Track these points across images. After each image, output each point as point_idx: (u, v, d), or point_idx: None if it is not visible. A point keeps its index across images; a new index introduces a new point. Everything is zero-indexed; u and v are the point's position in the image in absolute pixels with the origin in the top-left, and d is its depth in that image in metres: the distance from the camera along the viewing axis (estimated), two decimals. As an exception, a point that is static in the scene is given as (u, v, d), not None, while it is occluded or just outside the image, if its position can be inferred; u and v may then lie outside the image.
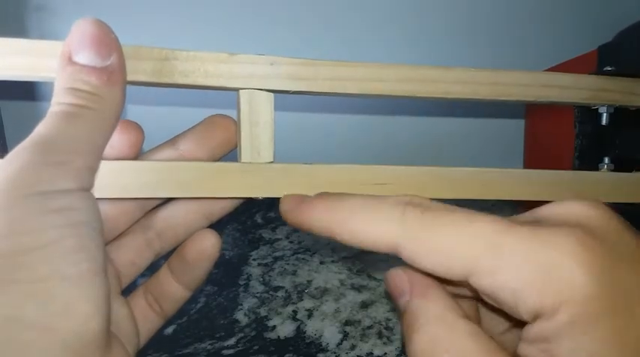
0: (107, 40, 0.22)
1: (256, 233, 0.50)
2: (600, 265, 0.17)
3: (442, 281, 0.21)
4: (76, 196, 0.20)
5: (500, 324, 0.23)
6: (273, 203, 0.25)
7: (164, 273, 0.27)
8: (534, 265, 0.17)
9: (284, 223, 0.53)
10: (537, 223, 0.19)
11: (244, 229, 0.50)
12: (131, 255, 0.26)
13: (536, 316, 0.17)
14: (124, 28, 0.24)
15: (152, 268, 0.28)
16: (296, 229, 0.53)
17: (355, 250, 0.49)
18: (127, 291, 0.27)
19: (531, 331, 0.18)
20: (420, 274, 0.21)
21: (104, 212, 0.23)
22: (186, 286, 0.27)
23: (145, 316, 0.27)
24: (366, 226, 0.20)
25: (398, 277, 0.21)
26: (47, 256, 0.18)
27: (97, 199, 0.22)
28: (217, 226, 0.28)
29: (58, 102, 0.21)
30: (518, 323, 0.19)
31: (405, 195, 0.21)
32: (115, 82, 0.22)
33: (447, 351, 0.19)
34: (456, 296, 0.22)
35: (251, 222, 0.52)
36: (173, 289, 0.27)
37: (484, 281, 0.18)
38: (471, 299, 0.23)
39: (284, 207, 0.24)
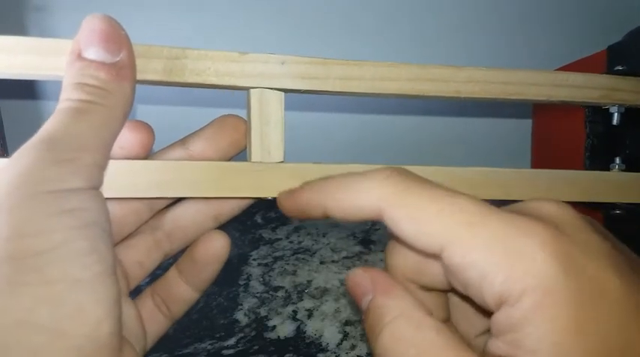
0: (116, 37, 0.21)
1: (256, 233, 0.50)
2: (570, 258, 0.17)
3: (419, 253, 0.21)
4: (85, 196, 0.20)
5: (475, 326, 0.23)
6: (273, 203, 0.25)
7: (173, 274, 0.27)
8: (506, 249, 0.17)
9: (284, 223, 0.54)
10: (516, 213, 0.19)
11: (244, 229, 0.50)
12: (139, 256, 0.26)
13: (501, 302, 0.17)
14: (129, 26, 0.23)
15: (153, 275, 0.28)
16: (296, 229, 0.54)
17: (355, 250, 0.50)
18: (134, 293, 0.27)
19: (497, 321, 0.18)
20: (382, 273, 0.21)
21: (112, 212, 0.22)
22: (195, 288, 0.27)
23: (152, 318, 0.27)
24: (353, 196, 0.20)
25: (360, 277, 0.21)
26: (58, 259, 0.18)
27: (108, 198, 0.21)
28: (218, 226, 0.28)
29: (65, 98, 0.21)
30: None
31: (388, 166, 0.21)
32: (124, 78, 0.22)
33: (415, 346, 0.19)
34: (428, 290, 0.22)
35: (251, 222, 0.52)
36: (181, 290, 0.27)
37: (455, 258, 0.18)
38: (443, 293, 0.23)
39: (279, 198, 0.24)
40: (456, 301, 0.23)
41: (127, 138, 0.23)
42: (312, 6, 0.54)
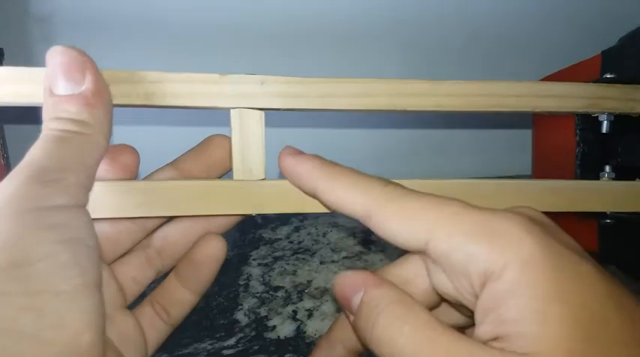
0: (78, 65, 0.22)
1: (256, 233, 0.50)
2: (544, 237, 0.19)
3: (406, 248, 0.22)
4: (69, 213, 0.20)
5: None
6: None
7: (171, 280, 0.28)
8: (487, 229, 0.19)
9: (284, 223, 0.54)
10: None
11: (244, 229, 0.50)
12: (133, 272, 0.27)
13: (486, 278, 0.18)
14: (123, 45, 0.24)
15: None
16: (296, 229, 0.54)
17: (355, 250, 0.50)
18: (133, 306, 0.28)
19: (483, 301, 0.19)
20: (369, 272, 0.23)
21: (104, 232, 0.24)
22: (194, 291, 0.28)
23: (152, 325, 0.28)
24: (349, 192, 0.22)
25: (350, 278, 0.22)
26: (40, 271, 0.19)
27: (96, 219, 0.22)
28: None
29: (46, 128, 0.22)
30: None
31: (389, 180, 0.23)
32: (94, 105, 0.22)
33: (408, 324, 0.20)
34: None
35: (251, 222, 0.52)
36: (181, 294, 0.28)
37: (442, 245, 0.19)
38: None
39: (284, 150, 0.25)
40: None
41: (112, 161, 0.25)
42: (298, 27, 0.54)
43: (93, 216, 0.22)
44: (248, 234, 0.50)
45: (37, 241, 0.19)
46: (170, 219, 0.28)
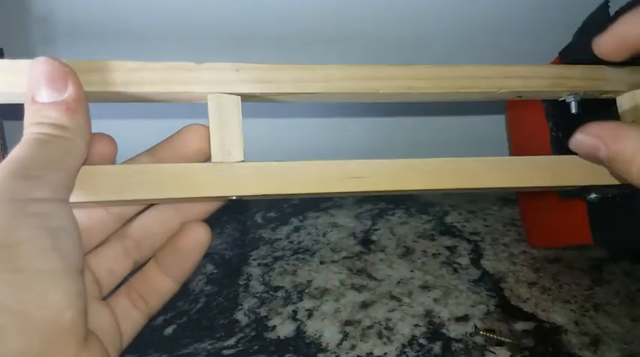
0: (60, 74, 0.23)
1: (256, 233, 0.51)
2: None
3: None
4: (51, 204, 0.21)
5: None
6: (273, 203, 0.26)
7: (151, 268, 0.28)
8: None
9: (284, 223, 0.55)
10: None
11: (244, 229, 0.51)
12: (109, 263, 0.27)
13: None
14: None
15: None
16: (296, 229, 0.54)
17: (355, 250, 0.50)
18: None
19: None
20: (599, 125, 0.23)
21: (79, 223, 0.24)
22: (175, 279, 0.28)
23: (128, 316, 0.27)
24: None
25: (585, 140, 0.24)
26: (23, 252, 0.20)
27: (71, 203, 0.23)
28: (217, 225, 0.29)
29: (27, 132, 0.23)
30: None
31: None
32: (75, 111, 0.23)
33: None
34: None
35: (251, 222, 0.52)
36: (161, 282, 0.28)
37: None
38: None
39: (597, 42, 0.25)
40: None
41: (90, 149, 0.25)
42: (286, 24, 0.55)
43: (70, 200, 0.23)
44: (248, 234, 0.50)
45: (19, 225, 0.20)
46: (146, 209, 0.28)
